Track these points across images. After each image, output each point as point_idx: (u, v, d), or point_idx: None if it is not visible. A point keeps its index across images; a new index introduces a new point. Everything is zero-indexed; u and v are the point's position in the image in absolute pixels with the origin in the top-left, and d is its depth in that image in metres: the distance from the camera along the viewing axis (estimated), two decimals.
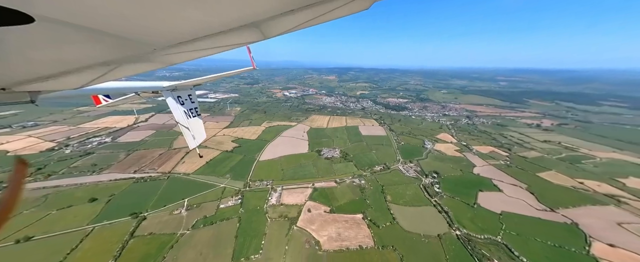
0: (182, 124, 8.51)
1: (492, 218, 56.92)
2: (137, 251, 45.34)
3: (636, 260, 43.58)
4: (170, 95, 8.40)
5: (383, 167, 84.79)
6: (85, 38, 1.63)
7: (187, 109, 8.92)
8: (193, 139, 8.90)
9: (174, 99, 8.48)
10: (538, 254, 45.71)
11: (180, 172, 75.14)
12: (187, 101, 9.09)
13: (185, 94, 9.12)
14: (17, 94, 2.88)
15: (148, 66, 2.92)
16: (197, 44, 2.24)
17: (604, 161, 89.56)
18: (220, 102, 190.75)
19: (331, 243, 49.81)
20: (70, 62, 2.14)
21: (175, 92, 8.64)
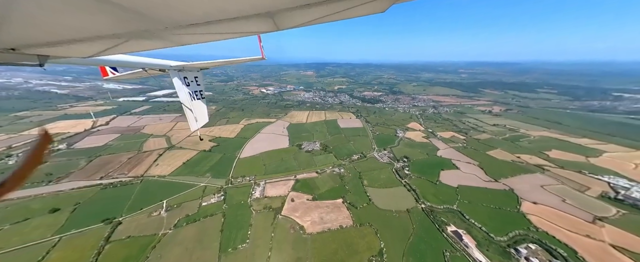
0: (186, 105, 8.53)
1: (450, 191, 66.69)
2: (116, 255, 44.03)
3: (550, 211, 56.10)
4: (176, 75, 8.40)
5: (360, 155, 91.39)
6: (99, 7, 1.60)
7: (191, 91, 8.85)
8: (195, 121, 8.89)
9: (180, 80, 8.45)
10: (483, 216, 55.78)
11: (154, 175, 71.92)
12: (193, 83, 8.98)
13: (192, 75, 9.08)
14: (26, 56, 2.83)
15: (158, 44, 2.89)
16: (210, 27, 2.24)
17: (536, 138, 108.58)
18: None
19: (314, 226, 53.99)
20: (82, 30, 2.11)
21: (181, 72, 8.59)
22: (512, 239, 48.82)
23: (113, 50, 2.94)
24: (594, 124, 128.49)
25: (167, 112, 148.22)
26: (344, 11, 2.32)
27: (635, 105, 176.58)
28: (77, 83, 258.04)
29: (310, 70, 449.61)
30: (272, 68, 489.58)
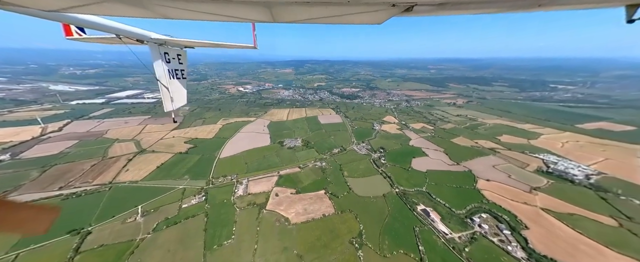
0: (163, 83, 7.45)
1: (420, 176, 74.27)
2: None
3: (498, 186, 66.35)
4: (156, 49, 7.33)
5: (340, 149, 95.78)
6: None
7: (171, 69, 7.88)
8: (171, 101, 7.94)
9: (159, 54, 7.44)
10: (446, 195, 63.74)
11: (125, 181, 67.40)
12: (174, 60, 7.97)
13: (174, 52, 8.05)
14: None
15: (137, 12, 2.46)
16: (202, 5, 2.03)
17: (491, 125, 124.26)
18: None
19: (299, 217, 56.55)
20: None
21: (162, 47, 7.51)
22: (469, 211, 57.04)
23: (83, 10, 2.54)
24: (535, 112, 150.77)
25: (133, 114, 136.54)
26: (344, 16, 2.36)
27: (566, 95, 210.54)
28: (13, 85, 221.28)
29: (288, 68, 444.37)
30: (248, 66, 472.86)
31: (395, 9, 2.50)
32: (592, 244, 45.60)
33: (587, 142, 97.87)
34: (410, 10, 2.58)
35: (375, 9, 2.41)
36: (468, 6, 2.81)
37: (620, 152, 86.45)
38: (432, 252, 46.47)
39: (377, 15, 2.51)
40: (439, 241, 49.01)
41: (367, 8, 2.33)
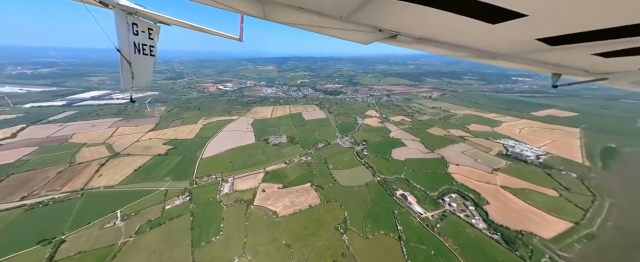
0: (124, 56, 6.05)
1: (399, 164, 79.91)
2: None
3: (466, 169, 74.18)
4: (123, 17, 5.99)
5: (325, 143, 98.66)
6: None
7: (138, 42, 6.51)
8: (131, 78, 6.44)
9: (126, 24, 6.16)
10: (422, 180, 69.82)
11: (99, 187, 63.67)
12: (143, 34, 6.61)
13: (145, 25, 6.77)
14: None
15: None
16: None
17: (461, 116, 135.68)
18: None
19: (286, 210, 58.48)
20: None
21: (131, 16, 6.28)
22: (441, 192, 63.40)
23: None
24: (499, 102, 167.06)
25: (101, 116, 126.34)
26: (334, 30, 2.45)
27: (524, 86, 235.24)
28: None
29: (270, 65, 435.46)
30: (228, 63, 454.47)
31: (381, 34, 2.74)
32: (538, 213, 53.93)
33: (539, 128, 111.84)
34: (395, 38, 2.84)
35: (364, 30, 2.56)
36: (442, 45, 3.23)
37: (564, 134, 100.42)
38: (409, 231, 51.47)
39: (364, 36, 2.69)
40: (415, 221, 54.25)
41: (357, 27, 2.47)
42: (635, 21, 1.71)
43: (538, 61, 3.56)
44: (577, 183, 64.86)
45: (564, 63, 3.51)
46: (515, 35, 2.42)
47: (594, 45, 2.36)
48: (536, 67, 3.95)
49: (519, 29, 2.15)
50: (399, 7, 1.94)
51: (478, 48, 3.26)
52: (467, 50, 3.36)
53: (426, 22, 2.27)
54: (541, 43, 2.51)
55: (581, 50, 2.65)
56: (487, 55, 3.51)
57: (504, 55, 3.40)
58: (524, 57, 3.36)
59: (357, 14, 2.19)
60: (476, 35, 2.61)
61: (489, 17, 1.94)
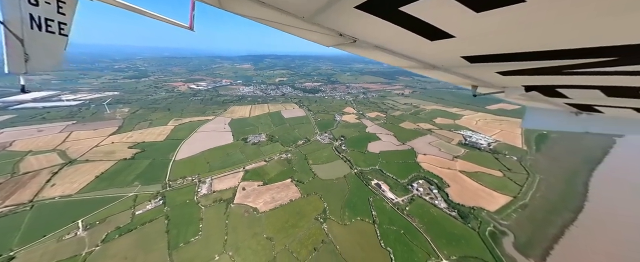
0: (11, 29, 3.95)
1: (374, 157, 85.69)
2: None
3: (432, 158, 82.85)
4: None
5: (305, 140, 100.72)
6: None
7: (37, 15, 4.40)
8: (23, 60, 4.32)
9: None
10: (394, 169, 76.20)
11: (52, 197, 57.24)
12: (48, 6, 4.51)
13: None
14: None
15: None
16: None
17: (429, 111, 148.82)
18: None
19: (267, 205, 59.51)
20: None
21: None
22: (410, 179, 70.15)
23: None
24: (461, 98, 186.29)
25: (48, 121, 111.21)
26: (296, 28, 2.50)
27: None
28: None
29: (247, 63, 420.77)
30: (200, 61, 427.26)
31: (341, 39, 2.84)
32: (487, 191, 63.33)
33: (492, 119, 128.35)
34: (355, 43, 2.95)
35: (326, 33, 2.67)
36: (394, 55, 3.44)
37: (510, 125, 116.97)
38: (382, 215, 56.52)
39: (326, 38, 2.77)
40: (388, 206, 59.62)
41: (319, 29, 2.55)
42: (517, 50, 2.30)
43: (463, 75, 4.20)
44: (516, 164, 77.16)
45: (478, 77, 4.24)
46: (447, 52, 2.87)
47: (495, 65, 2.98)
48: (462, 79, 4.57)
49: (449, 46, 2.56)
50: (357, 15, 2.09)
51: (422, 60, 3.68)
52: (414, 61, 3.77)
53: (381, 32, 2.47)
54: (464, 60, 3.02)
55: (488, 68, 3.28)
56: (429, 66, 4.01)
57: (440, 67, 3.95)
58: (454, 70, 3.98)
59: (319, 17, 2.30)
60: (420, 49, 2.98)
61: (429, 34, 2.29)
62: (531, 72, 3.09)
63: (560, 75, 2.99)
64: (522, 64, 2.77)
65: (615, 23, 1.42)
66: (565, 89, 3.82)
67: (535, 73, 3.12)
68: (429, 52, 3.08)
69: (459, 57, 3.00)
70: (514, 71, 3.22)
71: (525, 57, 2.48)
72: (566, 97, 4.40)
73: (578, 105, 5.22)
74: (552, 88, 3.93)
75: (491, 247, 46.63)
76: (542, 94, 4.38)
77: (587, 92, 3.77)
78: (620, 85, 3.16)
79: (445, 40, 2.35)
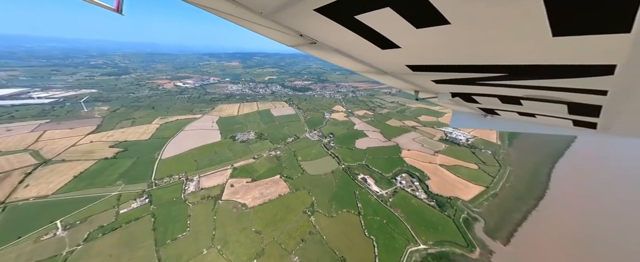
0: None
1: (361, 153, 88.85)
2: None
3: (415, 153, 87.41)
4: None
5: (294, 138, 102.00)
6: None
7: None
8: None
9: None
10: (380, 164, 79.70)
11: (26, 198, 54.62)
12: None
13: None
14: None
15: None
16: None
17: (414, 108, 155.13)
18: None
19: (256, 201, 60.49)
20: None
21: None
22: (394, 173, 73.86)
23: None
24: None
25: (18, 120, 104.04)
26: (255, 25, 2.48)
27: None
28: None
29: (235, 60, 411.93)
30: (187, 58, 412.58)
31: (302, 39, 2.95)
32: (463, 182, 68.38)
33: None
34: (315, 44, 3.10)
35: (286, 32, 2.72)
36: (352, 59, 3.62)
37: None
38: (367, 207, 59.48)
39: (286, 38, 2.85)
40: (373, 198, 62.71)
41: (279, 27, 2.56)
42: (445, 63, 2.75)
43: (408, 81, 4.53)
44: (491, 158, 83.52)
45: (419, 84, 4.60)
46: (394, 60, 3.11)
47: (431, 74, 3.37)
48: (407, 85, 4.97)
49: (396, 55, 2.83)
50: (316, 18, 2.15)
51: (376, 66, 3.86)
52: (369, 67, 3.96)
53: (339, 36, 2.56)
54: (408, 68, 3.30)
55: (426, 76, 3.62)
56: (381, 72, 4.26)
57: (390, 73, 4.20)
58: (400, 77, 4.28)
59: (279, 15, 2.29)
60: (373, 56, 3.15)
61: (380, 43, 2.50)
62: (455, 82, 3.66)
63: (474, 85, 3.62)
64: (449, 74, 3.21)
65: (505, 48, 1.91)
66: (477, 96, 4.60)
67: (458, 83, 3.70)
68: (381, 59, 3.35)
69: (404, 65, 3.31)
70: (443, 80, 3.70)
71: (450, 69, 2.90)
72: (478, 103, 5.24)
73: (485, 109, 6.14)
74: (469, 95, 4.69)
75: (464, 232, 51.02)
76: (463, 99, 5.18)
77: (490, 99, 4.56)
78: (508, 95, 3.89)
79: (393, 50, 2.60)
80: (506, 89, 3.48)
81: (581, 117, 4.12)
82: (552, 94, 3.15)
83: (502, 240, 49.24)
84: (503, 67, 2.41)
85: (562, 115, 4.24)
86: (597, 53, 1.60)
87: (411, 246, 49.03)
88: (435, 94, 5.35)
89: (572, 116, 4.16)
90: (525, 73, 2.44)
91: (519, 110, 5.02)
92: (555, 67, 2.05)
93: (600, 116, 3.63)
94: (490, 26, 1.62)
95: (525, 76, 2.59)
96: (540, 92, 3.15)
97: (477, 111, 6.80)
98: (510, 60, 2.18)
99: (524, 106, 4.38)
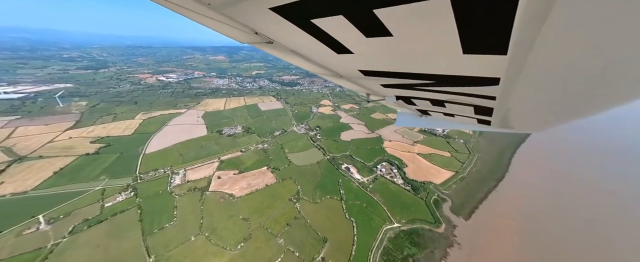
0: None
1: (346, 144, 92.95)
2: None
3: (395, 143, 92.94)
4: None
5: (282, 131, 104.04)
6: None
7: None
8: None
9: None
10: (363, 154, 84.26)
11: (3, 195, 53.37)
12: None
13: None
14: None
15: None
16: None
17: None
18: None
19: (243, 191, 62.81)
20: None
21: None
22: (375, 162, 78.72)
23: None
24: None
25: None
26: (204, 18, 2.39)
27: None
28: None
29: (220, 54, 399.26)
30: (169, 51, 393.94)
31: (257, 37, 2.92)
32: (436, 168, 74.71)
33: None
34: (272, 44, 3.07)
35: (239, 28, 2.65)
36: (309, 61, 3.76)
37: None
38: (349, 193, 63.80)
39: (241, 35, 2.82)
40: (354, 185, 67.10)
41: (230, 22, 2.47)
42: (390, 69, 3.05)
43: (360, 84, 4.76)
44: (462, 146, 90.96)
45: (370, 87, 4.88)
46: (348, 64, 3.35)
47: (379, 79, 3.75)
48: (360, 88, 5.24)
49: (350, 60, 3.03)
50: (272, 17, 2.10)
51: (331, 69, 4.04)
52: (325, 70, 4.14)
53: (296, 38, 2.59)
54: (360, 72, 3.59)
55: (375, 81, 3.99)
56: (336, 75, 4.43)
57: (345, 77, 4.40)
58: (354, 80, 4.45)
59: (230, 9, 2.21)
60: (329, 59, 3.36)
61: (336, 48, 2.64)
62: (399, 86, 3.93)
63: (412, 90, 3.97)
64: (394, 80, 3.47)
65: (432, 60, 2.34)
66: (415, 99, 5.04)
67: (401, 87, 4.01)
68: (337, 63, 3.46)
69: (357, 70, 3.49)
70: (390, 85, 3.98)
71: (395, 75, 3.17)
72: (415, 105, 5.78)
73: (421, 110, 6.74)
74: (409, 98, 5.10)
75: (433, 211, 56.92)
76: (404, 102, 5.68)
77: (423, 102, 5.02)
78: (436, 98, 4.36)
79: (347, 55, 2.74)
80: (435, 94, 3.93)
81: (482, 117, 4.80)
82: (464, 98, 3.71)
83: (465, 216, 55.79)
84: (432, 76, 2.79)
85: (470, 115, 4.97)
86: (488, 68, 2.03)
87: (387, 225, 54.06)
88: (383, 97, 5.81)
89: (477, 116, 4.84)
90: (447, 81, 2.85)
91: (444, 111, 5.73)
92: (465, 78, 2.51)
93: (492, 116, 4.32)
94: (422, 42, 1.92)
95: (447, 84, 3.01)
96: (456, 96, 3.69)
97: (415, 112, 7.55)
98: (436, 70, 2.57)
99: (447, 108, 5.04)
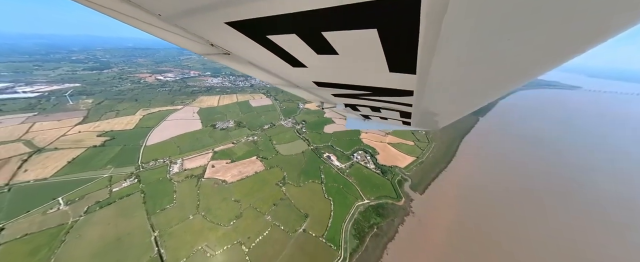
0: None
1: (328, 136, 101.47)
2: (16, 251, 43.79)
3: (371, 135, 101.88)
4: None
5: (270, 125, 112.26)
6: None
7: None
8: None
9: None
10: (342, 144, 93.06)
11: (27, 180, 61.66)
12: None
13: None
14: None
15: None
16: None
17: None
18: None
19: (235, 178, 71.49)
20: None
21: None
22: (352, 151, 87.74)
23: None
24: None
25: (5, 113, 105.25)
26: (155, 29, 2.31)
27: None
28: None
29: None
30: (166, 53, 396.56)
31: (214, 49, 2.91)
32: (402, 155, 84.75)
33: None
34: (228, 55, 3.14)
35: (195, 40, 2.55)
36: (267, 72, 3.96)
37: None
38: (329, 177, 72.86)
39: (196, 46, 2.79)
40: (333, 171, 76.17)
41: (184, 33, 2.34)
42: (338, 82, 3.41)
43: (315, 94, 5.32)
44: (423, 136, 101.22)
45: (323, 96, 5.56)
46: (303, 76, 3.64)
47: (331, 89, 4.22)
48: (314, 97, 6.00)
49: (305, 73, 3.31)
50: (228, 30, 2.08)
51: (288, 80, 4.34)
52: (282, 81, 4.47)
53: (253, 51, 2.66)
54: (314, 84, 4.02)
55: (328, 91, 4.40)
56: (293, 86, 4.79)
57: (301, 87, 4.80)
58: (309, 90, 4.99)
59: (183, 21, 2.10)
60: (285, 71, 3.57)
61: (291, 62, 2.81)
62: (346, 96, 4.59)
63: (357, 99, 4.76)
64: (342, 90, 4.02)
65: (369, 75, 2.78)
66: (359, 106, 5.90)
67: (348, 97, 4.67)
68: (293, 75, 3.76)
69: (311, 81, 3.94)
70: (340, 94, 4.59)
71: (342, 87, 3.69)
72: (359, 111, 6.86)
73: (364, 115, 7.78)
74: (355, 105, 5.97)
75: (397, 188, 66.65)
76: (351, 108, 6.72)
77: (365, 108, 6.01)
78: (374, 106, 5.30)
79: (302, 68, 3.00)
80: (372, 102, 4.76)
81: (405, 119, 5.86)
82: (392, 105, 4.50)
83: (420, 191, 66.34)
84: (369, 88, 3.35)
85: (398, 118, 5.96)
86: (406, 83, 2.66)
87: (359, 201, 63.55)
88: (334, 104, 6.57)
89: (402, 118, 5.85)
90: (380, 92, 3.45)
91: (380, 116, 6.71)
92: (392, 90, 3.11)
93: (411, 118, 5.44)
94: (361, 60, 2.33)
95: (381, 94, 3.62)
96: (387, 103, 4.44)
97: (360, 117, 8.44)
98: (373, 83, 3.11)
99: (382, 113, 6.01)
